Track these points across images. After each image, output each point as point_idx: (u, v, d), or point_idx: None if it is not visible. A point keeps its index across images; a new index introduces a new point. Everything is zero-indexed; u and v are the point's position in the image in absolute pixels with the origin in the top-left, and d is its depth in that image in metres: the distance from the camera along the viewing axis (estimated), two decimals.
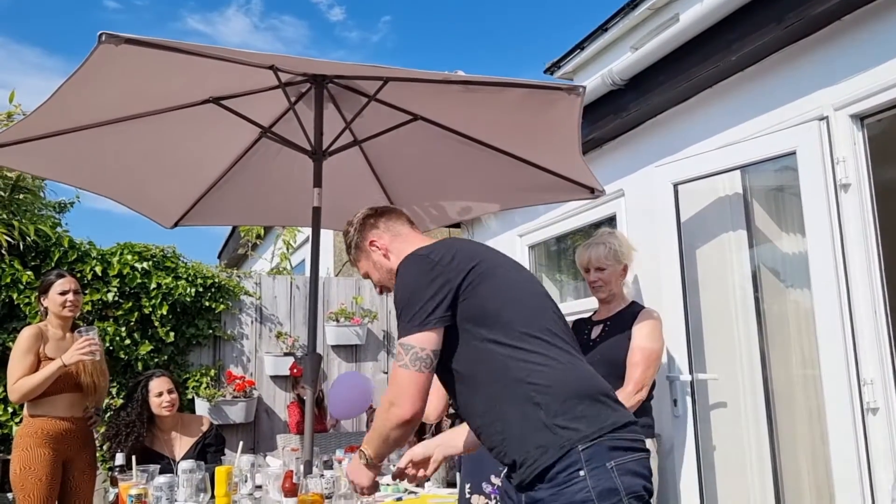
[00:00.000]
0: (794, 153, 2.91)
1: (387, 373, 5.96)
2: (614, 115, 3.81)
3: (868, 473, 2.63)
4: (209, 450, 3.62)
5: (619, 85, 3.65)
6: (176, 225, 4.02)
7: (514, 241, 5.14)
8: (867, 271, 2.71)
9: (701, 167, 3.26)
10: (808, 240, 2.87)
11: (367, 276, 2.14)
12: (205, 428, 3.71)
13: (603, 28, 9.18)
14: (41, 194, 5.52)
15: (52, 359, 3.41)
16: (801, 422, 3.20)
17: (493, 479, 2.50)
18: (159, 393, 3.56)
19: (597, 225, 4.21)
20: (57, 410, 3.47)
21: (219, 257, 11.57)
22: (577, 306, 4.30)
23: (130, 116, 3.05)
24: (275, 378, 5.58)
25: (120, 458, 3.02)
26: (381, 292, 2.17)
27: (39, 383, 3.35)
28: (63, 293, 3.55)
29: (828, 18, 2.80)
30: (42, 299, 3.60)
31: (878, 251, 2.72)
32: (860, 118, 2.80)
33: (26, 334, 3.46)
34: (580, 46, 9.69)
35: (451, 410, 3.61)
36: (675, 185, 3.33)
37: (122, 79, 2.60)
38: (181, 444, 3.60)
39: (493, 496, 2.49)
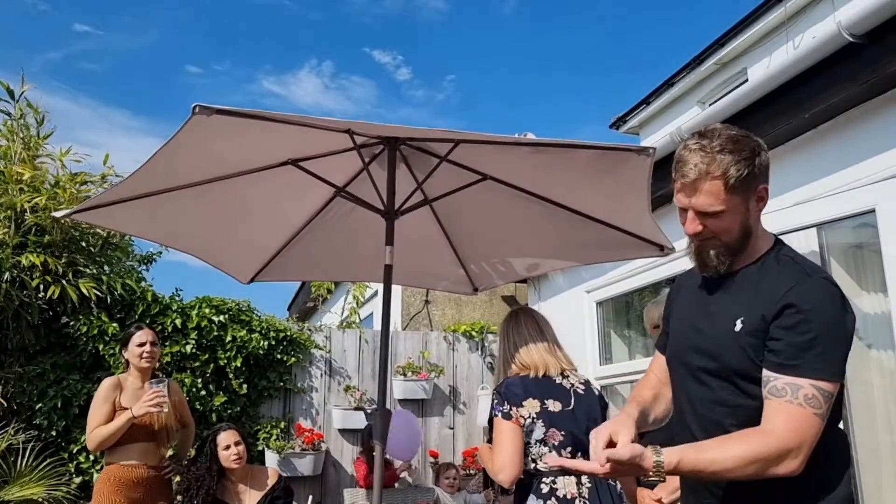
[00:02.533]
0: (873, 211, 2.85)
1: (452, 428, 5.93)
2: None
3: None
4: (277, 502, 3.67)
5: None
6: (252, 280, 4.16)
7: (582, 297, 5.12)
8: None
9: (776, 224, 3.20)
10: (890, 298, 2.78)
11: (696, 211, 1.62)
12: (272, 481, 3.77)
13: (669, 83, 9.18)
14: (130, 250, 5.81)
15: (126, 408, 3.55)
16: (889, 487, 3.04)
17: None
18: (227, 446, 3.65)
19: (669, 281, 4.16)
20: (131, 458, 3.58)
21: (288, 309, 11.83)
22: (646, 364, 4.21)
23: (215, 178, 3.21)
24: (343, 431, 5.62)
25: None
26: (696, 240, 1.67)
27: (112, 433, 3.48)
28: (141, 345, 3.70)
29: None
30: (123, 351, 3.76)
31: None
32: None
33: (105, 385, 3.61)
34: (646, 101, 9.70)
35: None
36: None
37: (210, 146, 2.75)
38: (250, 496, 3.67)
39: None
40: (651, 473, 1.46)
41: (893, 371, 2.81)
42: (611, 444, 1.51)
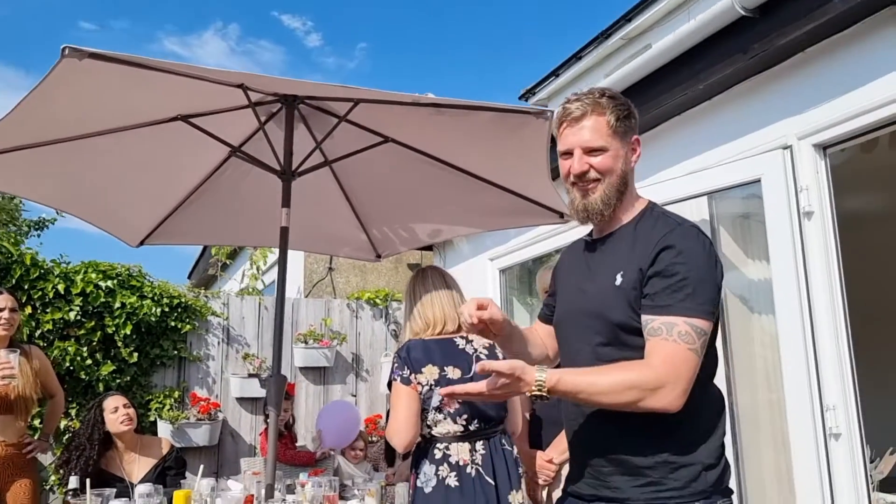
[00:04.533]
0: (759, 181, 2.96)
1: (355, 396, 5.90)
2: None
3: (831, 498, 2.64)
4: (169, 473, 3.53)
5: None
6: (142, 243, 3.96)
7: (486, 264, 5.15)
8: (830, 298, 2.75)
9: (668, 193, 3.29)
10: (772, 266, 2.91)
11: (585, 150, 1.70)
12: (165, 450, 3.62)
13: (577, 56, 9.29)
14: (17, 214, 5.42)
15: None
16: (766, 445, 3.22)
17: None
18: (115, 409, 3.46)
19: None
20: None
21: (189, 278, 11.43)
22: None
23: (96, 133, 3.00)
24: (241, 400, 5.48)
25: (73, 482, 2.92)
26: (582, 184, 1.73)
27: None
28: None
29: (792, 50, 2.87)
30: None
31: (840, 278, 2.76)
32: (823, 148, 2.85)
33: None
34: (555, 73, 9.79)
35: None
36: None
37: (87, 94, 2.56)
38: (140, 466, 3.51)
39: None
40: (533, 388, 1.50)
41: (774, 334, 2.95)
42: (482, 308, 1.67)
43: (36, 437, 3.85)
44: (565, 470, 2.44)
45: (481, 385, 1.53)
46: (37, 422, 4.32)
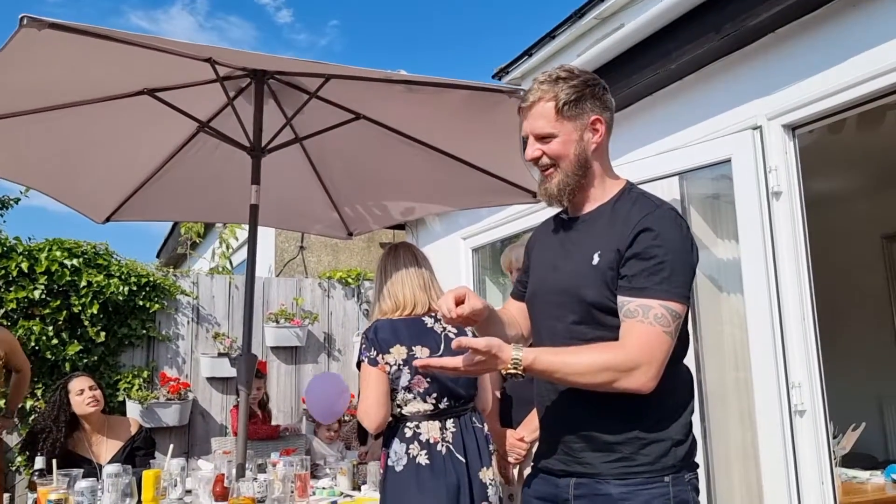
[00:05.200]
0: (728, 161, 2.98)
1: None
2: None
3: (795, 472, 2.70)
4: (138, 453, 3.49)
5: None
6: (108, 220, 3.88)
7: (458, 243, 5.14)
8: (797, 277, 2.79)
9: (639, 173, 3.30)
10: (741, 246, 2.94)
11: (536, 137, 1.70)
12: (133, 430, 3.58)
13: (551, 35, 9.27)
14: None
15: None
16: (733, 422, 3.27)
17: None
18: (80, 391, 3.41)
19: None
20: None
21: (158, 257, 11.27)
22: None
23: (59, 105, 2.92)
24: (211, 380, 5.44)
25: (40, 462, 2.88)
26: (540, 169, 1.74)
27: None
28: None
29: (762, 31, 2.88)
30: None
31: (807, 258, 2.80)
32: (792, 128, 2.88)
33: None
34: (528, 53, 9.77)
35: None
36: None
37: (47, 66, 2.49)
38: (108, 447, 3.47)
39: None
40: (509, 366, 1.51)
41: (742, 314, 3.00)
42: (460, 302, 1.60)
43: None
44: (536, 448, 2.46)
45: (457, 360, 1.54)
46: (1, 402, 4.25)
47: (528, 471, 1.99)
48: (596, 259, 1.63)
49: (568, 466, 1.69)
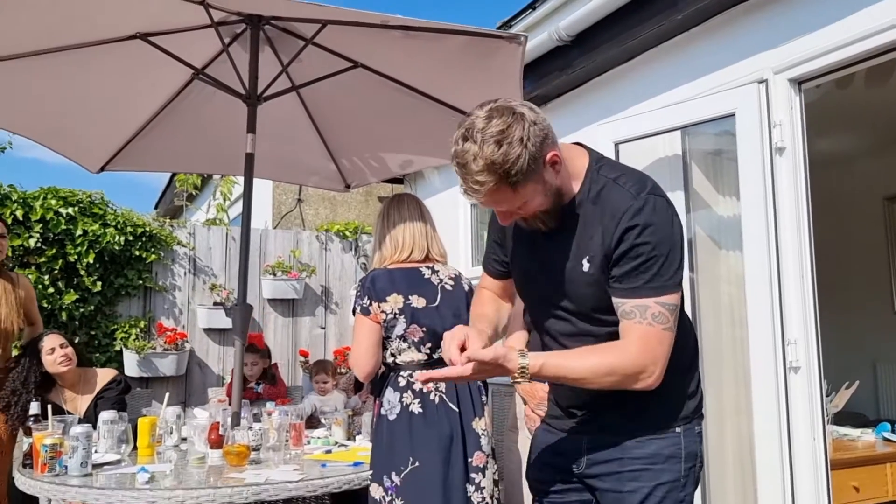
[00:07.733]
0: (733, 115, 2.92)
1: (324, 328, 5.89)
2: (560, 73, 3.77)
3: (787, 428, 2.72)
4: (108, 393, 3.42)
5: (566, 41, 3.61)
6: (103, 169, 3.85)
7: (457, 198, 5.10)
8: (797, 234, 2.76)
9: (642, 127, 3.25)
10: (742, 201, 2.90)
11: (514, 210, 1.57)
12: (105, 381, 3.52)
13: None
14: None
15: None
16: (728, 378, 3.28)
17: (394, 478, 2.41)
18: (52, 349, 3.34)
19: None
20: None
21: (155, 208, 11.22)
22: None
23: (50, 49, 2.86)
24: (208, 331, 5.45)
25: (35, 408, 2.88)
26: (524, 220, 1.63)
27: None
28: None
29: None
30: None
31: (808, 215, 2.77)
32: (798, 83, 2.82)
33: None
34: (531, 6, 9.62)
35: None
36: (617, 145, 3.32)
37: (35, 8, 2.42)
38: (83, 402, 3.44)
39: (390, 492, 2.40)
40: (516, 375, 1.49)
41: (740, 272, 2.98)
42: (463, 348, 1.52)
43: None
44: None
45: (467, 368, 1.48)
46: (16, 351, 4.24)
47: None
48: (586, 265, 1.59)
49: (580, 421, 1.72)
